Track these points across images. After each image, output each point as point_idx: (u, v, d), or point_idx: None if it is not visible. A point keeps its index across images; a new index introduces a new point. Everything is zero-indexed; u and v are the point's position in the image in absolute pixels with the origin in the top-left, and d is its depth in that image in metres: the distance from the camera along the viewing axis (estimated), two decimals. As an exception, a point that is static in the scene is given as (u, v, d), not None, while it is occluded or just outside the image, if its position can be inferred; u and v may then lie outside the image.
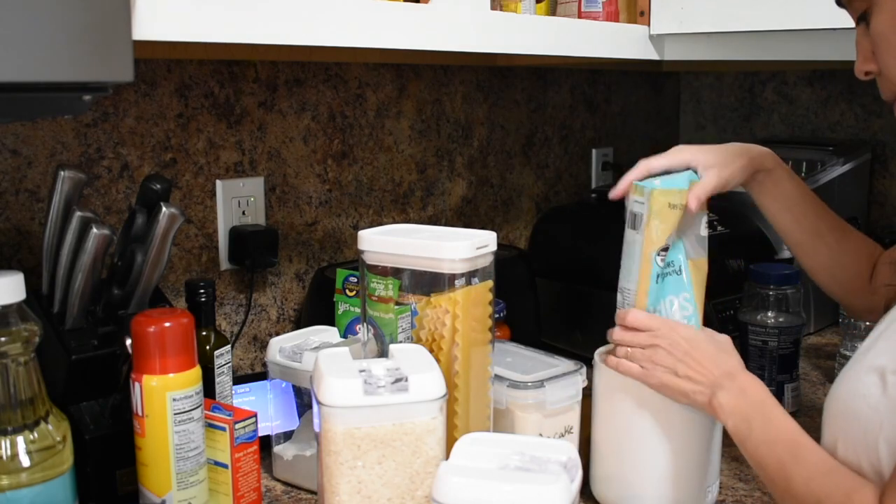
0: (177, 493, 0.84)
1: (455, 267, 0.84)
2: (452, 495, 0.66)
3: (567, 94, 1.81)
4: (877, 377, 0.71)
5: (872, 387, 0.71)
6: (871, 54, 0.78)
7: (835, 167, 1.60)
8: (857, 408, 0.72)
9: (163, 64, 1.17)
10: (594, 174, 1.88)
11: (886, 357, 0.71)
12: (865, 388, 0.71)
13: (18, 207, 1.06)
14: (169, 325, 0.82)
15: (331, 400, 0.74)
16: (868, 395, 0.71)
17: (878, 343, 0.73)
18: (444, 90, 1.55)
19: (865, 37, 0.78)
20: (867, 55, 0.78)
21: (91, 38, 0.64)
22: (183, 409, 0.83)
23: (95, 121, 1.12)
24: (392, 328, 0.88)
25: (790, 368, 1.21)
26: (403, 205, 1.50)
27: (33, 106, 0.67)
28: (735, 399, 0.81)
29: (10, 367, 0.72)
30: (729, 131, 2.04)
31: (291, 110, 1.32)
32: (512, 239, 1.71)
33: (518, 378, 0.93)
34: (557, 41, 1.22)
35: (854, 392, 0.73)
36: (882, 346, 0.73)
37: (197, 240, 1.23)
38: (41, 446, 0.73)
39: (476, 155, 1.62)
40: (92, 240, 0.88)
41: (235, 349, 1.28)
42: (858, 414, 0.71)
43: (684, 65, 1.97)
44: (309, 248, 1.37)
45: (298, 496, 1.00)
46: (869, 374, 0.72)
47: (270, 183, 1.31)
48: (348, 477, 0.75)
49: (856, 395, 0.72)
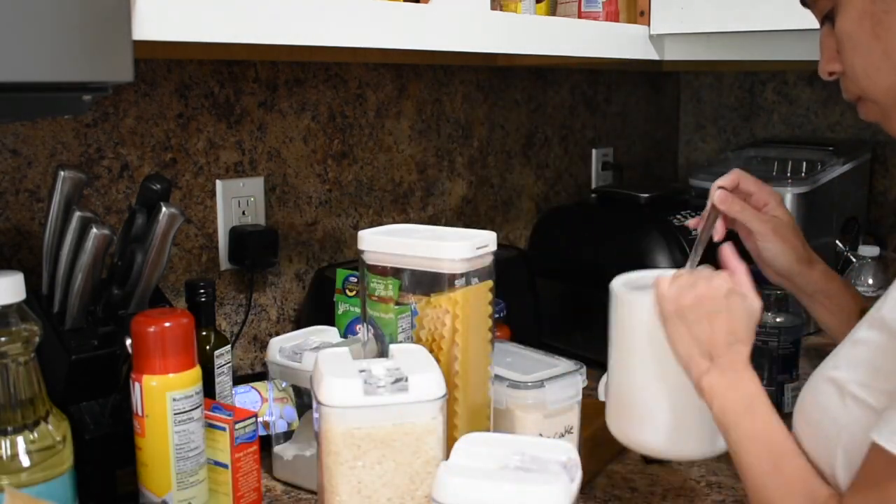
0: (177, 493, 0.84)
1: (455, 267, 0.84)
2: (452, 495, 0.66)
3: (567, 94, 1.81)
4: (834, 388, 0.71)
5: (831, 397, 0.71)
6: (835, 54, 0.77)
7: (835, 167, 1.60)
8: (818, 418, 0.72)
9: (163, 64, 1.17)
10: (594, 174, 1.88)
11: (843, 370, 0.71)
12: (825, 398, 0.72)
13: (18, 207, 1.06)
14: (169, 325, 0.82)
15: (331, 400, 0.74)
16: (828, 405, 0.71)
17: (837, 354, 0.74)
18: (444, 90, 1.55)
19: (830, 36, 0.78)
20: (832, 55, 0.78)
21: (91, 38, 0.64)
22: (183, 409, 0.83)
23: (95, 121, 1.12)
24: (392, 328, 0.88)
25: (790, 368, 1.21)
26: (403, 205, 1.50)
27: (33, 106, 0.67)
28: (727, 383, 0.78)
29: (10, 367, 0.72)
30: (729, 131, 2.04)
31: (291, 110, 1.32)
32: (512, 239, 1.71)
33: (518, 378, 0.93)
34: (557, 41, 1.22)
35: (815, 402, 0.73)
36: (839, 357, 0.73)
37: (197, 240, 1.23)
38: (41, 446, 0.73)
39: (476, 155, 1.62)
40: (92, 240, 0.88)
41: (235, 349, 1.28)
42: (820, 423, 0.72)
43: (684, 65, 1.97)
44: (309, 248, 1.37)
45: (298, 496, 1.00)
46: (826, 383, 0.72)
47: (270, 183, 1.31)
48: (348, 477, 0.75)
49: (817, 405, 0.73)
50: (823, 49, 0.80)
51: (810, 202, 1.53)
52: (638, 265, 1.32)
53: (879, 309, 0.70)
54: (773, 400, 1.20)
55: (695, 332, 0.79)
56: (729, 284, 0.80)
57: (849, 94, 0.78)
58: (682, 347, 0.80)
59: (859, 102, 0.79)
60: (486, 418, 0.90)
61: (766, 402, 0.77)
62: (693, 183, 1.67)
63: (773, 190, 1.02)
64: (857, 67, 0.75)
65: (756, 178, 1.01)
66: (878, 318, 0.69)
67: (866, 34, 0.73)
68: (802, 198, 1.52)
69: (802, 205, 1.52)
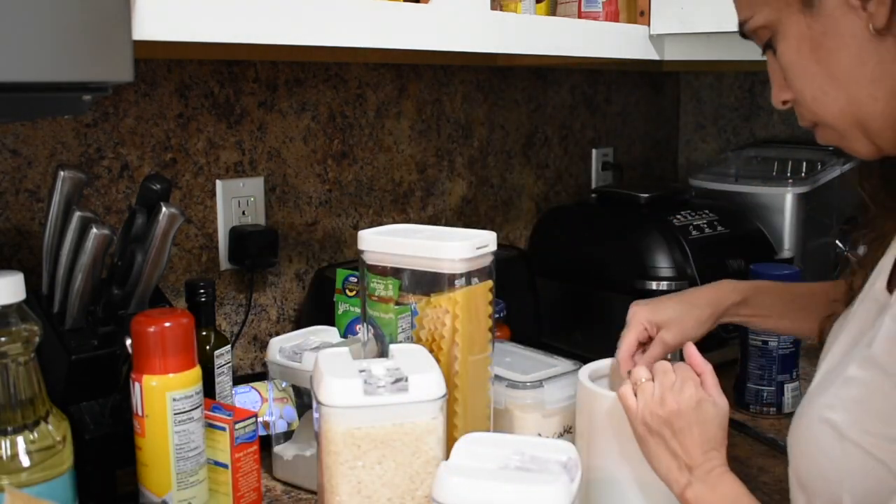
0: (177, 493, 0.84)
1: (455, 267, 0.84)
2: (452, 495, 0.66)
3: (567, 94, 1.81)
4: (831, 431, 0.69)
5: (830, 439, 0.69)
6: (783, 82, 0.74)
7: (835, 167, 1.60)
8: (818, 461, 0.70)
9: (163, 64, 1.17)
10: (594, 174, 1.88)
11: (839, 411, 0.69)
12: (823, 440, 0.70)
13: (18, 207, 1.06)
14: (169, 325, 0.82)
15: (331, 400, 0.74)
16: (827, 450, 0.69)
17: (828, 390, 0.71)
18: (444, 90, 1.54)
19: (775, 64, 0.75)
20: (781, 83, 0.75)
21: (91, 38, 0.64)
22: (183, 409, 0.83)
23: (95, 121, 1.12)
24: (392, 328, 0.88)
25: (790, 368, 1.21)
26: (403, 205, 1.50)
27: (33, 106, 0.67)
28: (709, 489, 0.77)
29: (10, 367, 0.72)
30: (729, 131, 2.04)
31: (291, 110, 1.32)
32: (512, 239, 1.71)
33: (517, 378, 0.93)
34: (557, 41, 1.22)
35: (813, 442, 0.71)
36: (832, 395, 0.70)
37: (197, 240, 1.23)
38: (41, 446, 0.73)
39: (476, 155, 1.62)
40: (92, 240, 0.88)
41: (235, 349, 1.28)
42: (820, 466, 0.70)
43: (684, 65, 1.97)
44: (309, 248, 1.37)
45: (298, 496, 1.00)
46: (823, 425, 0.70)
47: (270, 183, 1.31)
48: (348, 477, 0.75)
49: (815, 446, 0.71)
50: (773, 78, 0.77)
51: (810, 202, 1.53)
52: (638, 265, 1.34)
53: (870, 346, 0.67)
54: (774, 400, 1.21)
55: (671, 448, 0.79)
56: (699, 394, 0.79)
57: (804, 120, 0.76)
58: (659, 464, 0.80)
59: (816, 129, 0.76)
60: (486, 418, 0.90)
61: (751, 500, 0.76)
62: (693, 183, 1.67)
63: (633, 311, 0.97)
64: (806, 94, 0.72)
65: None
66: (868, 356, 0.67)
67: (807, 60, 0.71)
68: (802, 198, 1.52)
69: (802, 205, 1.52)
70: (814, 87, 0.72)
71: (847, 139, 0.73)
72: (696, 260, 1.34)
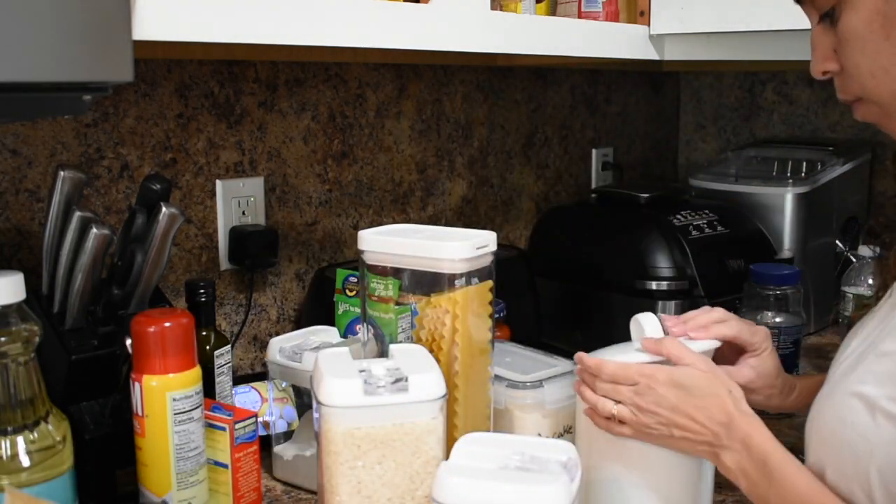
0: (177, 493, 0.84)
1: (455, 267, 0.84)
2: (452, 495, 0.66)
3: (567, 94, 1.81)
4: (862, 404, 0.69)
5: (860, 414, 0.69)
6: (831, 53, 0.75)
7: (835, 167, 1.60)
8: (845, 435, 0.70)
9: (163, 64, 1.17)
10: (594, 174, 1.88)
11: (871, 385, 0.69)
12: (853, 415, 0.70)
13: (18, 207, 1.06)
14: (169, 325, 0.82)
15: (331, 400, 0.75)
16: (856, 422, 0.69)
17: (858, 367, 0.72)
18: (444, 90, 1.55)
19: (825, 35, 0.75)
20: (827, 54, 0.75)
21: (91, 38, 0.64)
22: (183, 409, 0.83)
23: (95, 121, 1.12)
24: (392, 328, 0.88)
25: (790, 368, 1.21)
26: (403, 205, 1.50)
27: (33, 106, 0.67)
28: (739, 458, 0.76)
29: (10, 367, 0.72)
30: (729, 131, 2.04)
31: (291, 110, 1.32)
32: (512, 239, 1.71)
33: (517, 378, 0.93)
34: (557, 41, 1.22)
35: (840, 419, 0.71)
36: (863, 371, 0.71)
37: (197, 240, 1.23)
38: (41, 446, 0.73)
39: (476, 155, 1.62)
40: (92, 240, 0.88)
41: (235, 349, 1.28)
42: (847, 442, 0.70)
43: (684, 65, 1.97)
44: (309, 248, 1.37)
45: (298, 496, 1.00)
46: (853, 399, 0.70)
47: (270, 183, 1.31)
48: (348, 477, 0.75)
49: (843, 422, 0.71)
50: (817, 47, 0.77)
51: (810, 202, 1.53)
52: (638, 265, 1.34)
53: None
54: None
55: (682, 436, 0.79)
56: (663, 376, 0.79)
57: (847, 94, 0.76)
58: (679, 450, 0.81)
59: (857, 103, 0.76)
60: (486, 418, 0.90)
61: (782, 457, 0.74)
62: (693, 183, 1.67)
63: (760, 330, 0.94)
64: (863, 68, 0.73)
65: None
66: None
67: (876, 35, 0.71)
68: (802, 198, 1.52)
69: (802, 205, 1.52)
70: (874, 63, 0.72)
71: (891, 118, 0.74)
72: (696, 260, 1.34)
